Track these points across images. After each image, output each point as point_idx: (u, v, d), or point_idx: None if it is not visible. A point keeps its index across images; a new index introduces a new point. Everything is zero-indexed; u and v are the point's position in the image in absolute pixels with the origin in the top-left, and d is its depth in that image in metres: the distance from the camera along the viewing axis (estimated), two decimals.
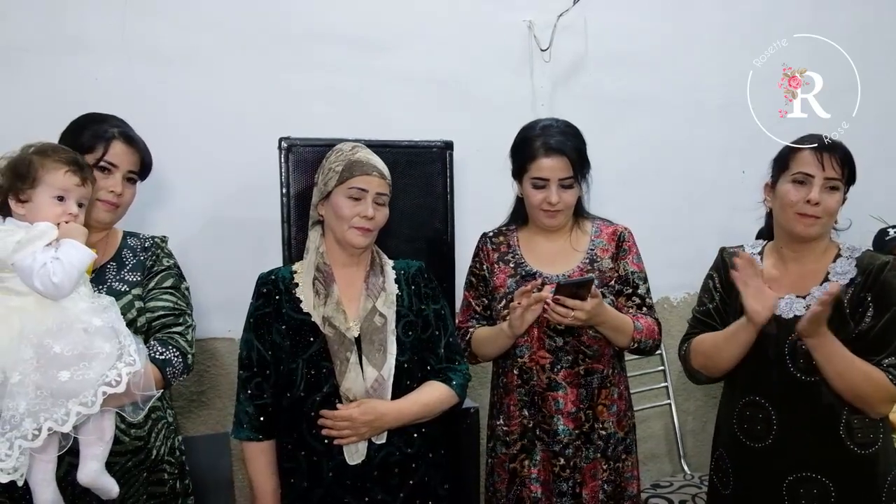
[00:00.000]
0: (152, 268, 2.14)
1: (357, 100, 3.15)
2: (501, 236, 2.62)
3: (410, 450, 2.17)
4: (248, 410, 2.17)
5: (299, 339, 2.13)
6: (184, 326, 2.11)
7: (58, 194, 1.86)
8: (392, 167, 2.29)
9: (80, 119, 2.12)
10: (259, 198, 2.96)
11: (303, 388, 2.11)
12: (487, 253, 2.60)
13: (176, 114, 2.89)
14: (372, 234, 2.19)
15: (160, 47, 2.84)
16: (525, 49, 3.44)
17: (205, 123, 2.94)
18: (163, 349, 2.02)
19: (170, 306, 2.11)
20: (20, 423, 1.72)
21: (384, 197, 2.19)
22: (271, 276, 2.23)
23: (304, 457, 2.13)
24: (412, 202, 2.83)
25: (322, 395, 2.10)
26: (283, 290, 2.19)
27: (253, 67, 3.00)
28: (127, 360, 1.83)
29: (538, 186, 2.45)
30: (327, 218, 2.20)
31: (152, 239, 2.21)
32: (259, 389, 2.17)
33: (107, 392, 1.79)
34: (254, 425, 2.17)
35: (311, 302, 2.14)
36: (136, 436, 2.05)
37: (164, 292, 2.11)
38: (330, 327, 2.11)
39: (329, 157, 2.22)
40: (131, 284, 2.09)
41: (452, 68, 3.33)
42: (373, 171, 2.16)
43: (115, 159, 2.08)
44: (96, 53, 2.76)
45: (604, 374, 2.51)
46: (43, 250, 1.80)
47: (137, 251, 2.16)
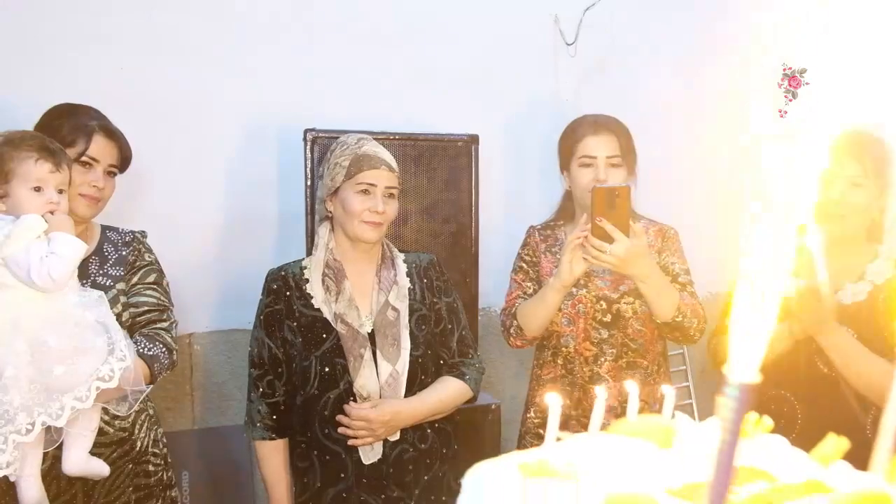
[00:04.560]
0: (135, 263, 2.04)
1: (380, 92, 2.95)
2: (549, 230, 2.43)
3: (424, 445, 2.05)
4: (261, 409, 2.05)
5: (312, 336, 2.01)
6: (168, 322, 2.03)
7: (34, 185, 1.72)
8: (417, 161, 2.23)
9: (56, 111, 1.96)
10: (283, 189, 2.83)
11: (316, 386, 1.99)
12: (536, 243, 2.41)
13: (199, 107, 2.72)
14: (383, 227, 2.06)
15: (184, 39, 2.68)
16: (550, 43, 3.19)
17: (229, 117, 2.78)
18: (150, 345, 1.94)
19: (154, 302, 2.02)
20: (14, 418, 1.62)
21: (394, 190, 2.06)
22: (281, 272, 2.10)
23: (318, 456, 2.01)
24: (436, 196, 2.73)
25: (336, 392, 1.98)
26: (293, 286, 2.06)
27: (277, 59, 2.83)
28: (118, 355, 1.75)
29: (585, 165, 2.26)
30: (336, 213, 2.07)
31: (132, 233, 2.10)
32: (271, 388, 2.05)
33: (100, 387, 1.71)
34: (266, 424, 2.05)
35: (322, 298, 2.03)
36: (120, 427, 1.96)
37: (148, 288, 2.03)
38: (343, 324, 1.99)
39: (334, 150, 2.08)
40: (115, 279, 1.99)
41: (476, 61, 3.10)
42: (381, 164, 2.02)
43: (97, 154, 1.94)
44: (121, 45, 2.59)
45: (647, 371, 2.30)
46: (35, 244, 1.68)
47: (119, 245, 2.05)
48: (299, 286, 2.05)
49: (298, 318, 2.02)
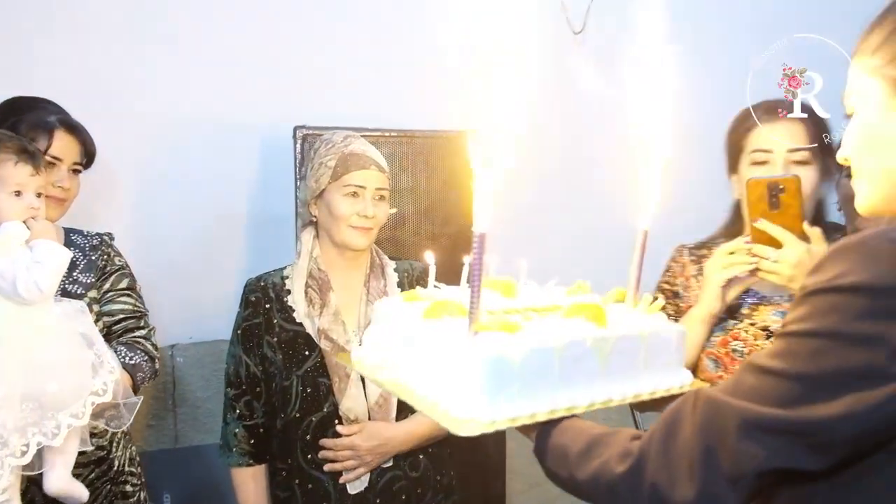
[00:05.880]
0: (105, 268, 1.94)
1: (373, 86, 2.78)
2: (705, 248, 1.84)
3: (416, 473, 1.90)
4: (237, 432, 1.91)
5: (293, 353, 1.87)
6: (147, 329, 1.95)
7: (14, 189, 1.61)
8: (413, 158, 2.17)
9: (10, 105, 1.84)
10: (270, 192, 2.69)
11: (298, 408, 1.86)
12: (684, 265, 1.85)
13: (176, 100, 2.56)
14: (372, 233, 1.92)
15: (160, 26, 2.52)
16: (556, 32, 2.99)
17: (210, 111, 2.61)
18: (131, 354, 1.85)
19: (130, 309, 1.93)
20: (8, 440, 1.53)
21: (384, 192, 1.92)
22: (260, 282, 1.95)
23: (300, 485, 1.86)
24: (435, 196, 2.56)
25: (320, 415, 1.84)
26: (273, 298, 1.91)
27: (260, 50, 2.66)
28: (108, 367, 1.66)
29: (758, 163, 1.69)
30: (321, 218, 1.93)
31: (99, 237, 1.98)
32: (249, 409, 1.91)
33: (95, 402, 1.62)
34: (243, 449, 1.90)
35: (304, 311, 1.89)
36: (98, 445, 1.86)
37: (122, 294, 1.93)
38: (327, 340, 1.85)
39: (318, 149, 1.94)
40: (86, 286, 1.89)
41: (476, 51, 2.88)
42: (370, 164, 1.89)
43: (60, 152, 1.82)
44: (87, 32, 2.42)
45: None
46: (20, 253, 1.59)
47: (86, 250, 1.93)
48: (280, 298, 1.91)
49: (279, 333, 1.88)
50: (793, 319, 0.87)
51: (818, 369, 0.83)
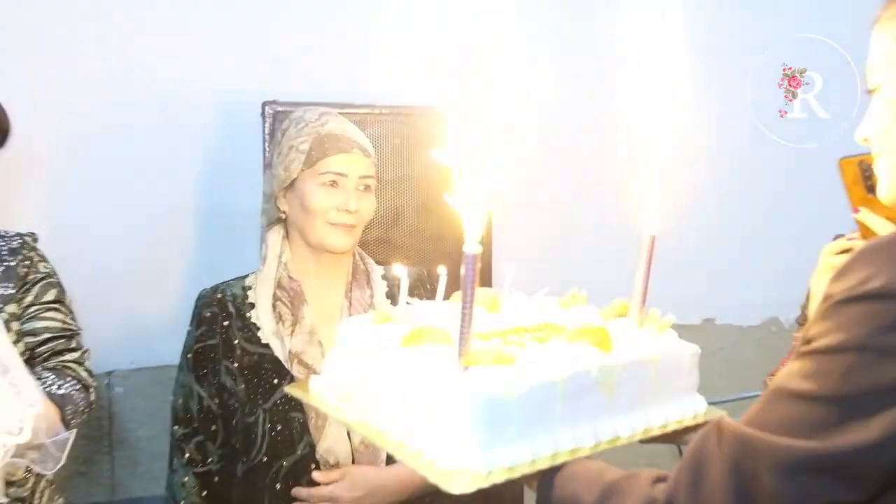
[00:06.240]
0: (27, 276, 1.81)
1: (359, 54, 2.66)
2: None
3: None
4: (186, 482, 1.75)
5: (258, 382, 1.74)
6: (79, 352, 1.82)
7: None
8: (408, 140, 2.16)
9: None
10: (231, 182, 2.56)
11: (265, 451, 1.73)
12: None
13: (116, 76, 2.43)
14: (355, 231, 1.81)
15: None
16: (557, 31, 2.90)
17: (162, 83, 2.49)
18: (60, 381, 1.73)
19: (58, 326, 1.81)
20: None
21: (369, 180, 1.81)
22: (216, 294, 1.83)
23: None
24: (435, 188, 2.33)
25: (293, 459, 1.72)
26: (233, 313, 1.79)
27: (226, 9, 2.56)
28: (28, 400, 1.53)
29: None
30: (292, 214, 1.82)
31: (20, 237, 1.85)
32: (201, 452, 1.76)
33: (7, 444, 1.49)
34: (193, 503, 1.75)
35: (272, 329, 1.76)
36: (15, 496, 1.75)
37: (47, 309, 1.81)
38: (300, 365, 1.72)
39: (287, 129, 1.83)
40: (3, 299, 1.77)
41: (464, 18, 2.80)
42: (352, 146, 1.78)
43: None
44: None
45: None
46: None
47: (3, 254, 1.81)
48: (241, 314, 1.78)
49: (240, 357, 1.75)
50: (818, 334, 0.88)
51: (851, 388, 0.84)
